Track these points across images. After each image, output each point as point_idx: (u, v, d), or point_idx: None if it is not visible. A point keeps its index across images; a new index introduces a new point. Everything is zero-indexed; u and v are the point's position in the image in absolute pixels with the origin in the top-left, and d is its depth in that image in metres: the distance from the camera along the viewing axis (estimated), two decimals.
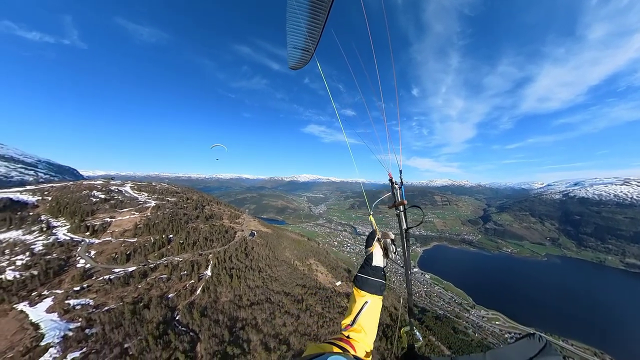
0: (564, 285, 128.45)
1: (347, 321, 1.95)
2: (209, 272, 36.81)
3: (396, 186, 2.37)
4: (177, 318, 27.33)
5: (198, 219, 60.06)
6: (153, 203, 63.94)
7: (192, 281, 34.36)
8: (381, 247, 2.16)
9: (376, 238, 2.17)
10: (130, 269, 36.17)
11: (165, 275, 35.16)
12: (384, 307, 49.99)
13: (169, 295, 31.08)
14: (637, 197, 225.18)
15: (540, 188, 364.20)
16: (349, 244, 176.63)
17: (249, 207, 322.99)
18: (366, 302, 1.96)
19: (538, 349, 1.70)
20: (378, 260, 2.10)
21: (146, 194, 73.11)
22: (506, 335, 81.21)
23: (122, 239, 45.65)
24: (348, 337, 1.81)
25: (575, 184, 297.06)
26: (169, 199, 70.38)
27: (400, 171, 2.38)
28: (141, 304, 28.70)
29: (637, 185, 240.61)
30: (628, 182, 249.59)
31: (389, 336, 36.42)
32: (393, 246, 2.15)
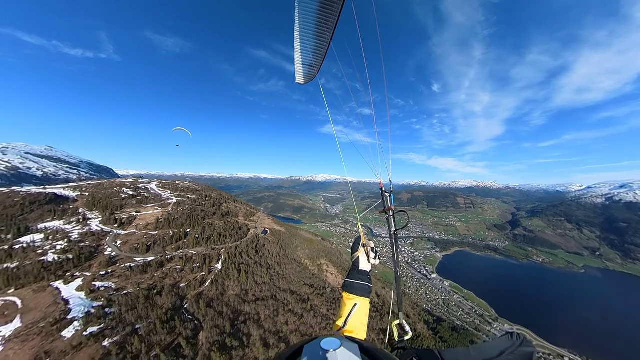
0: (605, 303, 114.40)
1: (338, 323, 2.10)
2: (219, 266, 38.48)
3: (386, 194, 2.66)
4: (185, 306, 28.95)
5: (214, 215, 62.91)
6: (174, 200, 68.13)
7: (203, 273, 36.15)
8: (366, 253, 2.32)
9: (361, 244, 2.35)
10: (149, 259, 38.94)
11: (179, 267, 37.36)
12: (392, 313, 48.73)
13: (181, 285, 32.99)
14: None
15: (579, 191, 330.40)
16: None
17: (267, 205, 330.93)
18: (355, 305, 2.12)
19: (516, 343, 1.85)
20: (364, 264, 2.27)
21: (169, 192, 78.09)
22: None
23: (144, 232, 49.27)
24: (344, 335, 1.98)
25: (622, 187, 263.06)
26: (189, 196, 74.49)
27: (390, 181, 2.68)
28: (155, 291, 30.79)
29: None
30: None
31: (392, 337, 35.48)
32: (373, 253, 2.32)
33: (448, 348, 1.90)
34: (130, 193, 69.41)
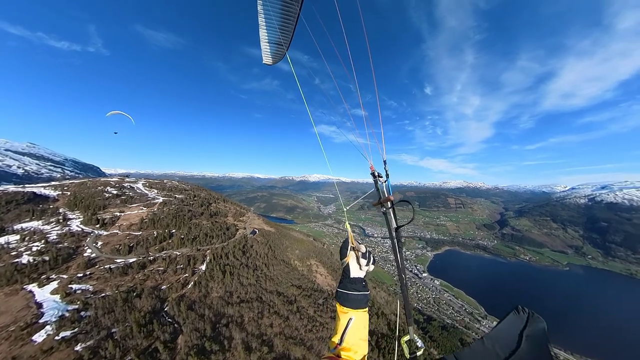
0: (588, 299, 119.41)
1: (335, 340, 1.85)
2: (203, 267, 37.62)
3: (380, 180, 2.12)
4: (165, 309, 28.09)
5: (202, 215, 61.70)
6: (161, 199, 66.49)
7: (186, 275, 35.26)
8: (357, 257, 1.96)
9: (350, 247, 1.98)
10: (130, 260, 37.73)
11: (162, 268, 36.33)
12: (382, 315, 48.81)
13: (162, 287, 32.05)
14: None
15: (564, 192, 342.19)
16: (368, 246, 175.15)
17: (259, 205, 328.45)
18: (350, 319, 1.85)
19: (525, 319, 1.83)
20: (355, 271, 1.94)
21: (156, 191, 76.20)
22: None
23: (127, 232, 47.78)
24: (338, 356, 1.74)
25: (603, 188, 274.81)
26: (177, 196, 72.89)
27: (385, 162, 2.08)
28: (134, 294, 29.79)
29: None
30: None
31: (383, 347, 35.34)
32: (364, 259, 1.95)
33: (463, 349, 1.74)
34: (115, 192, 67.33)
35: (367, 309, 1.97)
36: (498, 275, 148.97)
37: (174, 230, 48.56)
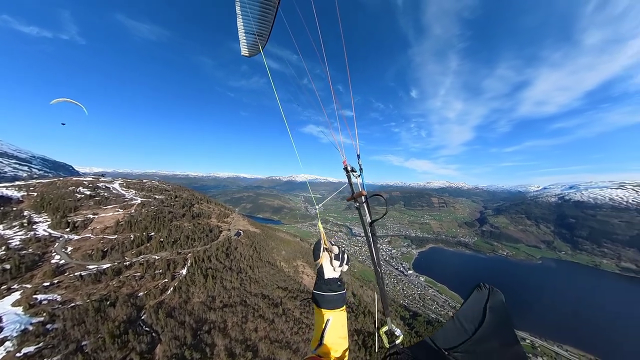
0: (559, 289, 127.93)
1: (315, 342, 1.88)
2: (184, 272, 36.09)
3: (354, 174, 2.11)
4: (142, 318, 26.60)
5: (184, 217, 59.32)
6: (139, 200, 63.18)
7: (166, 280, 33.64)
8: (330, 258, 1.94)
9: (322, 248, 1.95)
10: (104, 266, 35.43)
11: (139, 274, 34.43)
12: (368, 314, 49.22)
13: (139, 294, 30.33)
14: (632, 201, 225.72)
15: (537, 191, 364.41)
16: (343, 245, 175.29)
17: (245, 206, 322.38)
18: (328, 320, 1.86)
19: (487, 294, 2.10)
20: (329, 271, 1.91)
21: (134, 191, 72.35)
22: None
23: (101, 236, 44.88)
24: (320, 356, 1.78)
25: (571, 188, 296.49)
26: (157, 197, 69.63)
27: (358, 156, 2.08)
28: (108, 302, 27.97)
29: (633, 190, 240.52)
30: (623, 186, 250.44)
31: (369, 346, 35.55)
32: (337, 261, 1.93)
33: (437, 331, 1.95)
34: (88, 193, 63.11)
35: (344, 307, 1.97)
36: (478, 270, 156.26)
37: (152, 233, 46.24)
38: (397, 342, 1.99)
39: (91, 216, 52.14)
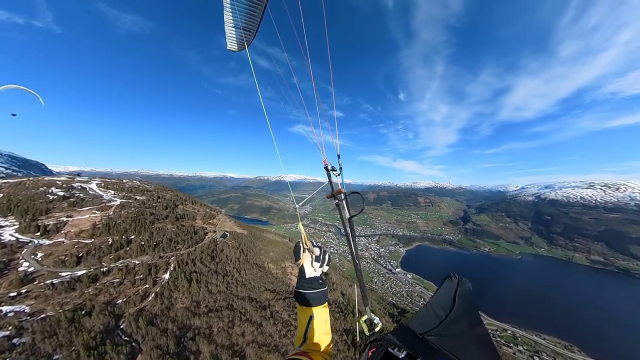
0: (536, 282, 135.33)
1: (299, 339, 1.96)
2: (167, 276, 34.60)
3: (334, 173, 2.23)
4: (121, 327, 25.17)
5: (167, 218, 57.03)
6: (118, 201, 60.07)
7: (147, 286, 32.09)
8: (312, 258, 2.00)
9: (303, 249, 2.03)
10: (79, 273, 33.30)
11: (118, 280, 32.64)
12: (358, 313, 49.44)
13: (117, 302, 28.72)
14: (600, 199, 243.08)
15: (515, 191, 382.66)
16: (332, 245, 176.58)
17: (232, 207, 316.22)
18: (311, 317, 1.94)
19: (456, 283, 2.39)
20: (310, 271, 1.98)
21: (113, 192, 68.75)
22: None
23: (76, 240, 42.19)
24: (304, 352, 1.81)
25: (546, 187, 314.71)
26: (138, 197, 66.54)
27: (339, 156, 2.21)
28: (83, 312, 26.25)
29: (601, 189, 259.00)
30: (593, 186, 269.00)
31: (359, 345, 35.62)
32: (317, 263, 1.99)
33: (412, 317, 2.13)
34: (61, 194, 59.20)
35: (326, 303, 2.03)
36: (462, 266, 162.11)
37: (132, 236, 44.06)
38: (377, 329, 2.22)
39: (65, 219, 48.92)
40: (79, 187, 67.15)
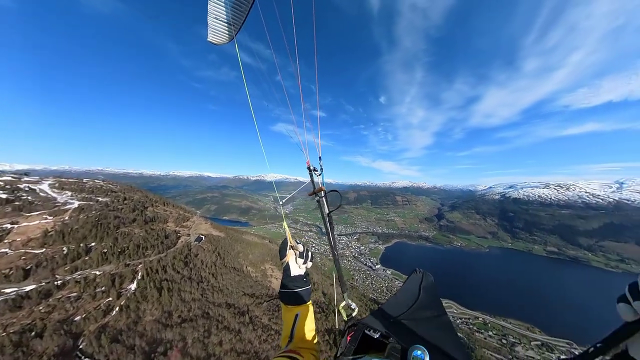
0: (503, 273, 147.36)
1: (285, 339, 1.92)
2: (133, 287, 31.65)
3: (315, 173, 2.37)
4: (80, 347, 22.42)
5: (134, 222, 52.56)
6: (76, 204, 54.13)
7: (110, 299, 29.06)
8: (296, 255, 2.00)
9: (289, 246, 2.00)
10: (27, 288, 29.24)
11: (75, 294, 29.18)
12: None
13: (75, 319, 25.61)
14: (554, 198, 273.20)
15: (484, 190, 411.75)
16: (314, 244, 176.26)
17: (209, 207, 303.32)
18: (297, 315, 1.94)
19: (421, 276, 2.69)
20: (295, 269, 1.98)
21: (70, 193, 61.86)
22: (458, 322, 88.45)
23: (23, 250, 37.13)
24: (292, 350, 1.73)
25: (510, 187, 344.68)
26: (100, 199, 60.58)
27: (320, 157, 2.37)
28: (32, 333, 22.99)
29: (555, 189, 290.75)
30: (548, 186, 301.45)
31: (338, 332, 35.47)
32: (302, 259, 2.01)
33: (384, 304, 2.36)
34: (4, 197, 51.96)
35: (310, 301, 2.07)
36: (437, 260, 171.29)
37: (93, 244, 39.84)
38: (354, 314, 2.41)
39: (8, 226, 42.86)
40: (27, 189, 59.47)
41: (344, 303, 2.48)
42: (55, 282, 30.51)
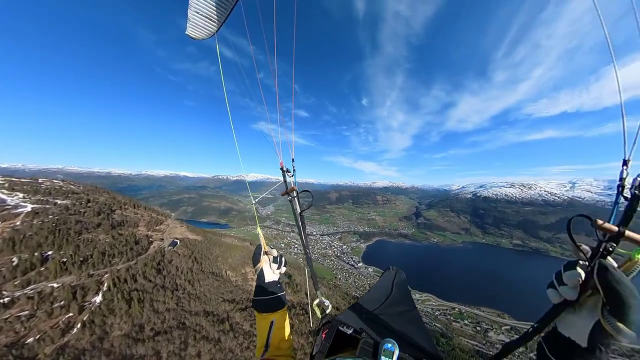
0: (475, 265, 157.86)
1: (260, 349, 1.84)
2: (98, 299, 28.73)
3: (288, 174, 2.42)
4: None
5: (99, 227, 48.10)
6: (29, 208, 48.24)
7: (70, 315, 26.08)
8: (270, 260, 1.97)
9: (263, 252, 1.97)
10: None
11: (27, 312, 25.78)
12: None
13: (27, 341, 22.57)
14: (519, 196, 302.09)
15: (457, 189, 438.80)
16: (296, 245, 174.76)
17: (186, 209, 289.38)
18: (272, 322, 1.88)
19: (394, 273, 2.93)
20: (269, 275, 1.95)
21: (21, 195, 55.01)
22: (436, 313, 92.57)
23: None
24: (268, 359, 1.78)
25: (481, 187, 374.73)
26: (58, 202, 54.62)
27: (293, 159, 2.47)
28: None
29: (519, 188, 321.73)
30: (513, 186, 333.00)
31: (313, 329, 35.15)
32: (275, 264, 1.99)
33: (360, 297, 2.50)
34: None
35: (285, 307, 2.02)
36: (416, 256, 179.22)
37: (50, 252, 35.67)
38: (328, 311, 2.42)
39: None
40: None
41: (317, 301, 2.50)
42: (2, 300, 26.76)
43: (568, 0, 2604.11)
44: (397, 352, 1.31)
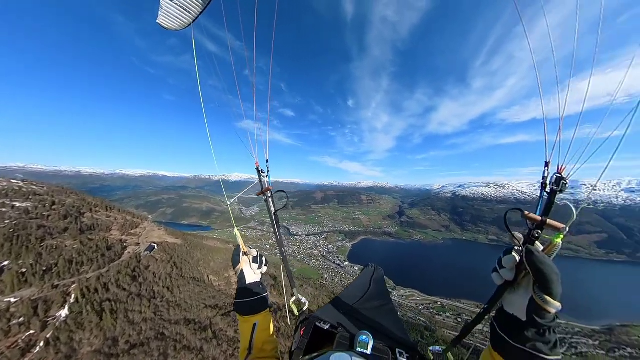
0: (455, 260, 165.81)
1: (243, 352, 1.79)
2: (64, 313, 26.16)
3: (263, 174, 2.42)
4: None
5: (66, 232, 44.14)
6: None
7: (31, 332, 23.46)
8: (250, 260, 1.93)
9: (242, 253, 1.92)
10: None
11: None
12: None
13: None
14: (493, 195, 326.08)
15: (438, 189, 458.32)
16: (285, 245, 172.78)
17: (165, 211, 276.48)
18: (255, 324, 1.84)
19: (373, 270, 3.07)
20: (250, 275, 1.91)
21: None
22: (420, 307, 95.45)
23: None
24: None
25: (460, 186, 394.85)
26: (17, 204, 49.48)
27: (267, 160, 2.45)
28: None
29: (494, 187, 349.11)
30: (489, 185, 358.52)
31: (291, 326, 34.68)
32: (255, 264, 1.95)
33: (340, 293, 2.65)
34: None
35: (268, 309, 1.98)
36: (400, 253, 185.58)
37: (6, 262, 32.05)
38: (305, 308, 2.41)
39: None
40: None
41: (294, 298, 2.51)
42: None
43: (539, 16, 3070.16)
44: (371, 342, 1.37)
